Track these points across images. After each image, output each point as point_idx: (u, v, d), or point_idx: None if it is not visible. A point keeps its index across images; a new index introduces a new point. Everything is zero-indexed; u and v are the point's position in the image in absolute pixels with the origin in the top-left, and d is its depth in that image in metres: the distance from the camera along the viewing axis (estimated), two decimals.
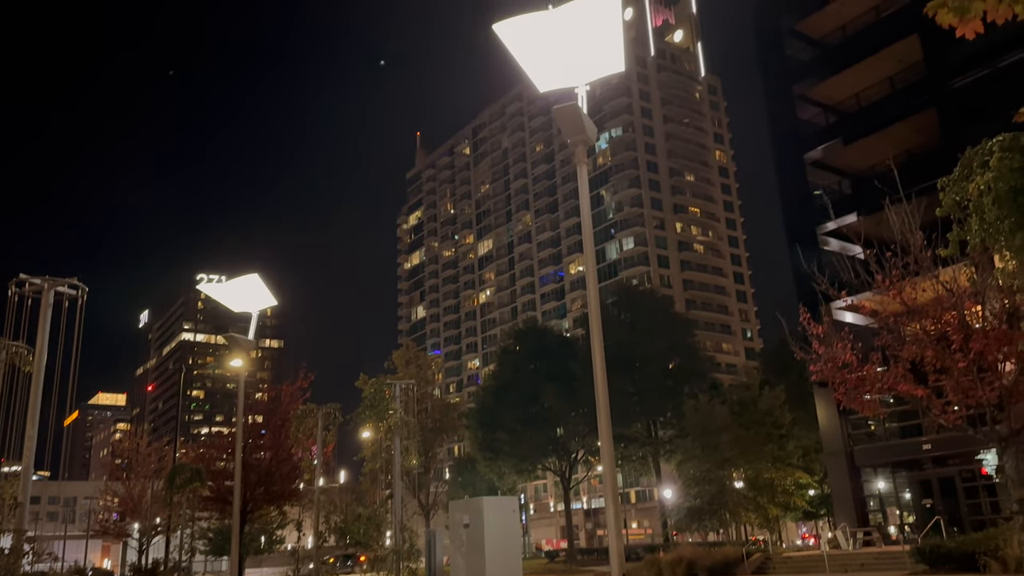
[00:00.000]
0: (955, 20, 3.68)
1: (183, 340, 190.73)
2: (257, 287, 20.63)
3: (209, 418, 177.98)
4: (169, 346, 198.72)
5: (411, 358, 48.69)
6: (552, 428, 55.84)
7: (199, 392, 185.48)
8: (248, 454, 28.47)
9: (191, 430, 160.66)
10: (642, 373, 51.02)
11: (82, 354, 9.38)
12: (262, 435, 31.72)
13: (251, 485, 28.98)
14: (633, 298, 58.08)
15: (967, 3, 3.59)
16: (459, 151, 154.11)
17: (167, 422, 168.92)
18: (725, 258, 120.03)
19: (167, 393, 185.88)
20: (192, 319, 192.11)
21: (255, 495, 29.77)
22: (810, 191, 37.68)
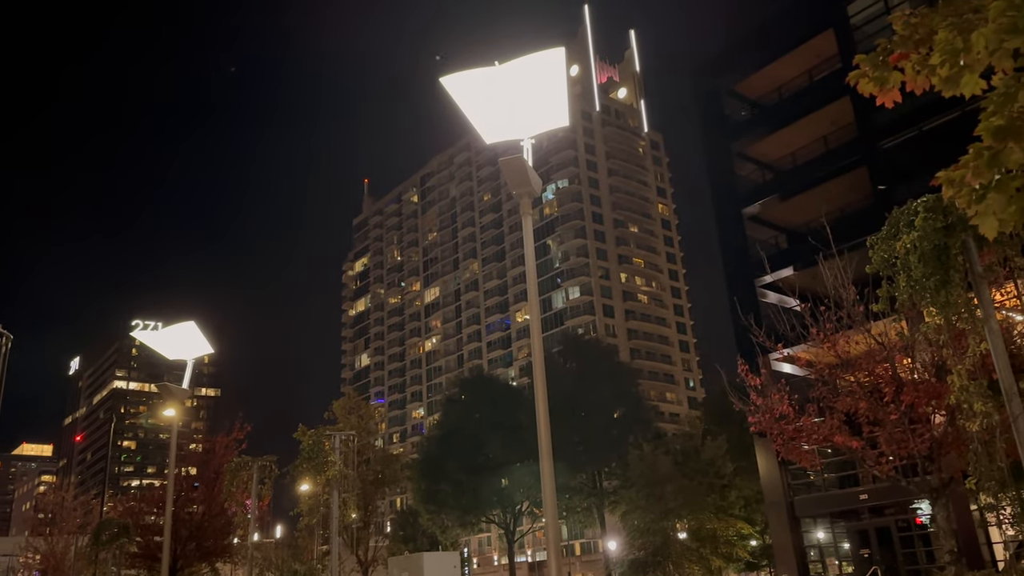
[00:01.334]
0: (875, 89, 3.85)
1: (115, 388, 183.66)
2: (193, 334, 20.04)
3: (140, 470, 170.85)
4: (100, 394, 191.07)
5: (353, 407, 47.62)
6: (497, 479, 55.10)
7: (130, 442, 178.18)
8: (179, 508, 27.34)
9: (121, 482, 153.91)
10: (588, 422, 50.95)
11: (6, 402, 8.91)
12: (195, 488, 30.55)
13: (182, 540, 27.77)
14: (579, 347, 58.31)
15: (885, 74, 3.77)
16: (407, 199, 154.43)
17: (95, 474, 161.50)
18: (668, 308, 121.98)
19: (97, 443, 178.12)
20: (126, 366, 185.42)
21: (186, 551, 28.51)
22: (748, 245, 38.67)
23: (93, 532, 24.24)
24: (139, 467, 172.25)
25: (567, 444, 46.67)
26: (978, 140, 3.66)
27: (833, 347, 13.68)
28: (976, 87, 3.70)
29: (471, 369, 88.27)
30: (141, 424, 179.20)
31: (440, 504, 54.41)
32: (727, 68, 41.71)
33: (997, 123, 3.53)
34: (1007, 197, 3.60)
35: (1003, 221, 3.72)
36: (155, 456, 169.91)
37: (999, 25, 3.32)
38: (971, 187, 3.71)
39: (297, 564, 15.15)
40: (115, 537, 22.17)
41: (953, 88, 3.70)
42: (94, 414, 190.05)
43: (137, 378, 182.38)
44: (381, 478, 50.45)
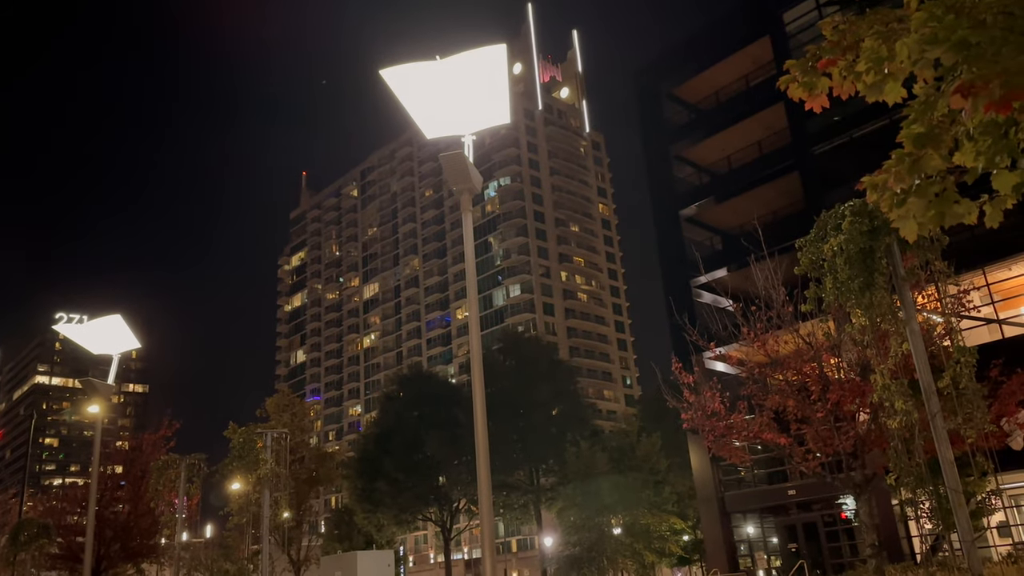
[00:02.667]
0: (804, 94, 3.96)
1: (37, 383, 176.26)
2: (119, 328, 19.42)
3: (63, 468, 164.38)
4: (21, 389, 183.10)
5: (287, 405, 46.75)
6: (434, 477, 54.87)
7: (53, 440, 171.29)
8: (104, 507, 26.43)
9: (42, 481, 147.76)
10: (526, 419, 51.15)
11: None
12: (120, 487, 29.55)
13: (106, 541, 26.85)
14: (519, 344, 58.47)
15: (814, 79, 3.88)
16: (347, 193, 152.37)
17: (14, 472, 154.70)
18: (607, 307, 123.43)
19: (16, 441, 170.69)
20: (48, 361, 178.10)
21: (110, 552, 27.57)
22: (685, 246, 39.41)
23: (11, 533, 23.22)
24: (61, 465, 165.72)
25: (505, 441, 46.83)
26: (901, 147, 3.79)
27: (763, 346, 14.06)
28: (898, 95, 3.84)
29: (410, 366, 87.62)
30: (64, 420, 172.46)
31: (376, 503, 53.91)
32: (667, 72, 42.41)
33: (917, 131, 3.67)
34: (926, 201, 3.74)
35: (922, 224, 3.86)
36: (79, 454, 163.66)
37: (921, 36, 3.45)
38: (893, 192, 3.84)
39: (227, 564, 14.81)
40: (35, 538, 21.28)
41: (876, 94, 3.83)
42: (14, 410, 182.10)
43: (61, 373, 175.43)
44: (315, 476, 49.72)
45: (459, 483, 53.48)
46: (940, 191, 3.79)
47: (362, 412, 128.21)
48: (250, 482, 13.73)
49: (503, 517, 62.26)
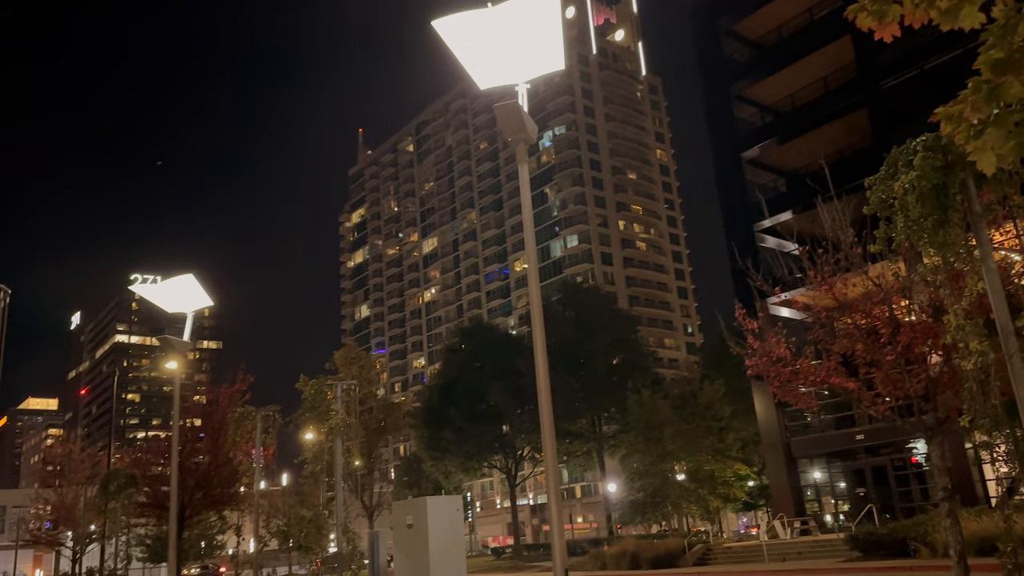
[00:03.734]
0: (874, 23, 3.78)
1: (117, 342, 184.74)
2: (192, 287, 20.06)
3: (145, 422, 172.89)
4: (103, 348, 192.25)
5: (353, 358, 48.00)
6: (498, 426, 55.83)
7: (135, 395, 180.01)
8: (185, 458, 27.73)
9: (127, 434, 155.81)
10: (586, 369, 51.40)
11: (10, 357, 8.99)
12: (200, 439, 30.94)
13: (189, 490, 28.24)
14: (577, 295, 58.44)
15: (884, 7, 3.69)
16: (403, 148, 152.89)
17: (101, 427, 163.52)
18: (667, 255, 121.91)
19: (101, 397, 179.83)
20: (126, 320, 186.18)
21: (193, 500, 29.01)
22: (747, 189, 38.48)
23: (101, 483, 24.63)
24: (144, 419, 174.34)
25: (566, 391, 47.20)
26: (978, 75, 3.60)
27: (831, 290, 13.71)
28: (975, 20, 3.63)
29: (470, 319, 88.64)
30: (144, 377, 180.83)
31: (443, 450, 55.24)
32: (726, 7, 40.89)
33: (996, 56, 3.48)
34: (1005, 132, 3.56)
35: (1001, 156, 3.69)
36: (159, 408, 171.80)
37: None
38: (969, 122, 3.66)
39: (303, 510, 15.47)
40: (123, 487, 22.54)
41: (952, 21, 3.63)
42: (97, 368, 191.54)
43: (138, 332, 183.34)
44: (384, 426, 51.18)
45: (522, 431, 54.31)
46: (1020, 120, 3.61)
47: (426, 364, 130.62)
48: (322, 432, 14.22)
49: (567, 464, 63.17)
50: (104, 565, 27.77)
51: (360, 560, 12.91)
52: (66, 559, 44.18)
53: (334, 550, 13.18)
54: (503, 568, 44.12)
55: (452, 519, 13.38)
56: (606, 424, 54.87)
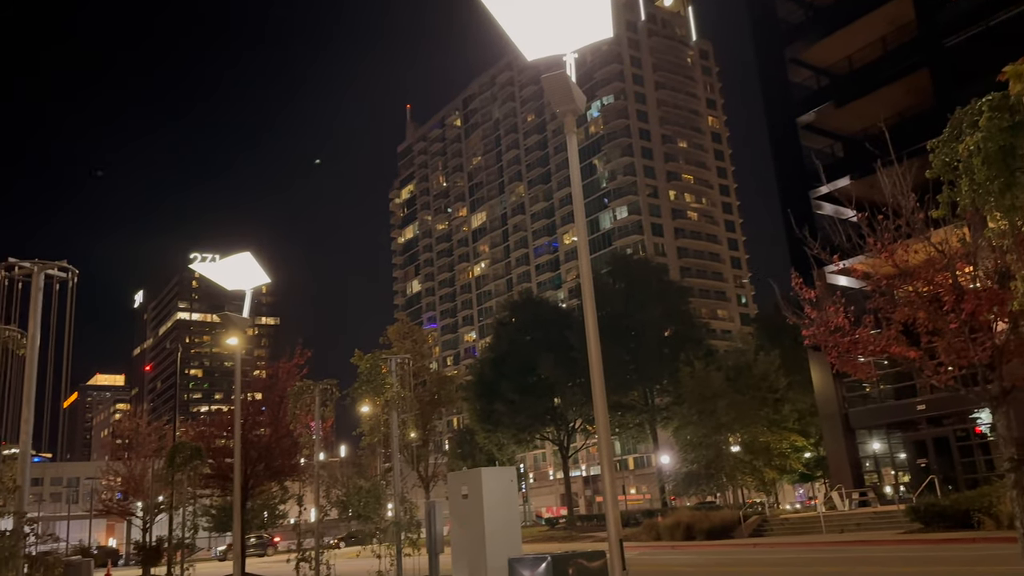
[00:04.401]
0: None
1: (179, 319, 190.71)
2: (250, 265, 20.57)
3: (208, 396, 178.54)
4: (165, 325, 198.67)
5: (406, 332, 48.76)
6: (550, 398, 56.10)
7: (197, 371, 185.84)
8: (247, 431, 28.56)
9: (190, 408, 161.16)
10: (638, 342, 51.18)
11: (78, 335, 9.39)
12: (261, 412, 31.82)
13: (251, 461, 29.12)
14: (627, 267, 58.03)
15: None
16: (450, 123, 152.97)
17: (166, 401, 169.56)
18: (719, 225, 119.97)
19: (165, 372, 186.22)
20: (187, 298, 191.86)
21: (256, 471, 29.92)
22: (803, 155, 37.57)
23: (167, 455, 25.53)
24: (207, 394, 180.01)
25: (618, 363, 47.09)
26: None
27: (891, 257, 13.31)
28: None
29: (520, 292, 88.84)
30: (206, 352, 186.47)
31: (495, 423, 55.80)
32: None
33: None
34: None
35: None
36: (221, 383, 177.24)
37: None
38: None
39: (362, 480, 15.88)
40: (188, 459, 23.33)
41: None
42: (160, 344, 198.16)
43: (199, 309, 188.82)
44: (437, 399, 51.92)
45: (574, 404, 54.47)
46: None
47: (476, 338, 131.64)
48: (378, 405, 14.51)
49: (619, 436, 63.28)
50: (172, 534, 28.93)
51: (418, 529, 13.21)
52: (137, 528, 46.11)
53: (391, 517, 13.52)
54: (557, 538, 44.59)
55: (506, 490, 13.57)
56: (658, 396, 54.66)
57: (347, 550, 24.92)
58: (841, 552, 22.44)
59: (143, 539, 36.80)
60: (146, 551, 33.10)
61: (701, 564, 22.19)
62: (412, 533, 13.16)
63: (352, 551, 13.35)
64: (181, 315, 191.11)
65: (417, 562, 13.56)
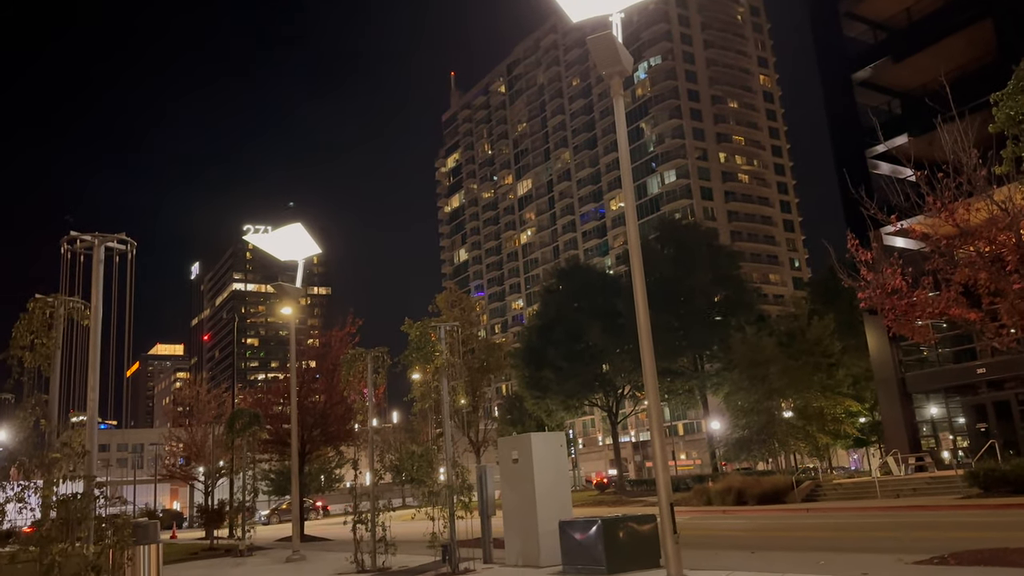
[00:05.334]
0: None
1: (234, 290, 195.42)
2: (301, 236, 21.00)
3: (264, 364, 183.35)
4: (221, 296, 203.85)
5: (455, 301, 49.17)
6: (598, 365, 56.08)
7: (253, 340, 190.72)
8: (303, 398, 29.34)
9: (247, 377, 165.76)
10: (687, 308, 50.68)
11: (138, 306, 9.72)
12: (316, 379, 32.62)
13: (307, 427, 29.97)
14: (676, 232, 57.29)
15: None
16: (494, 90, 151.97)
17: (224, 370, 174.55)
18: (771, 187, 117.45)
19: (223, 342, 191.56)
20: (242, 269, 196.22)
21: (312, 437, 30.80)
22: (858, 113, 36.43)
23: (227, 422, 26.39)
24: (263, 362, 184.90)
25: (667, 329, 46.73)
26: None
27: (951, 216, 12.87)
28: None
29: (567, 260, 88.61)
30: (262, 322, 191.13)
31: (544, 389, 56.07)
32: None
33: None
34: None
35: None
36: (276, 351, 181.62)
37: None
38: None
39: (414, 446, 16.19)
40: (247, 426, 24.10)
41: None
42: (217, 315, 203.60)
43: (253, 280, 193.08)
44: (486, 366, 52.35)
45: (622, 370, 54.38)
46: None
47: (524, 306, 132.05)
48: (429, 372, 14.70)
49: (668, 402, 63.00)
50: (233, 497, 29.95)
51: (469, 492, 13.44)
52: (199, 492, 47.86)
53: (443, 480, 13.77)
54: (607, 502, 44.89)
55: (556, 454, 13.68)
56: (708, 362, 54.20)
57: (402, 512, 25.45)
58: (897, 517, 22.13)
59: (205, 502, 38.25)
60: (208, 514, 34.37)
61: (753, 528, 22.13)
62: (464, 496, 13.38)
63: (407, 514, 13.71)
64: (236, 286, 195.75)
65: (469, 524, 13.81)
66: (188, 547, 28.98)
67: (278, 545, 27.50)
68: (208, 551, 26.00)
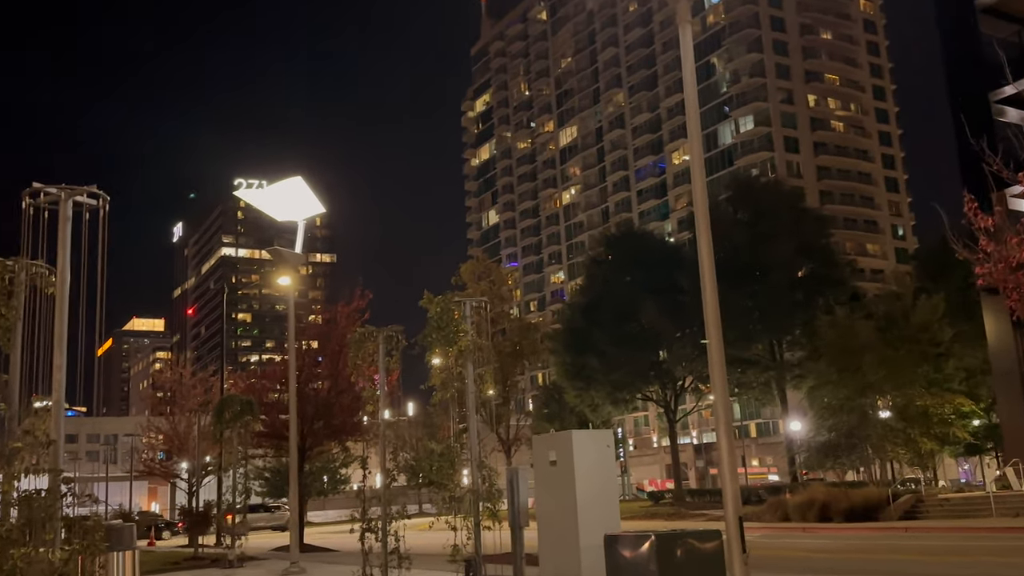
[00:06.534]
0: None
1: (223, 256, 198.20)
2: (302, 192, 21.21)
3: (258, 344, 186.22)
4: (208, 263, 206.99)
5: (483, 272, 49.58)
6: (654, 351, 56.16)
7: (245, 315, 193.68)
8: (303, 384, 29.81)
9: (239, 358, 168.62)
10: (764, 283, 50.40)
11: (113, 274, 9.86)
12: (318, 362, 33.12)
13: (308, 419, 30.48)
14: (752, 192, 56.91)
15: None
16: (533, 17, 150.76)
17: (211, 349, 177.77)
18: (872, 137, 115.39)
19: (210, 317, 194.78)
20: (232, 231, 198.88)
21: (313, 430, 31.35)
22: (982, 47, 35.55)
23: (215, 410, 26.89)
24: (256, 341, 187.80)
25: (739, 310, 46.50)
26: None
27: None
28: None
29: (618, 224, 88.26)
30: (255, 294, 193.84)
31: (587, 379, 56.32)
32: None
33: None
34: None
35: None
36: (272, 329, 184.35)
37: None
38: None
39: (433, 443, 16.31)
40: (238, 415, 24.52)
41: None
42: (203, 284, 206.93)
43: (246, 244, 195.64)
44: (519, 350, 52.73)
45: (683, 358, 54.40)
46: None
47: (565, 279, 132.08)
48: (451, 355, 14.80)
49: (738, 398, 62.92)
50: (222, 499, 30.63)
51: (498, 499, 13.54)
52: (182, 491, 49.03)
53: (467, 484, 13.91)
54: (663, 515, 45.06)
55: (602, 456, 13.70)
56: (788, 350, 53.99)
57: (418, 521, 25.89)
58: (1016, 540, 21.89)
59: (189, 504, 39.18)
60: (192, 517, 35.21)
61: (837, 549, 22.07)
62: (491, 503, 13.50)
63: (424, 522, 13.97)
64: (226, 251, 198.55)
65: (498, 537, 13.95)
66: (168, 556, 29.79)
67: (274, 555, 28.15)
68: (192, 560, 26.71)
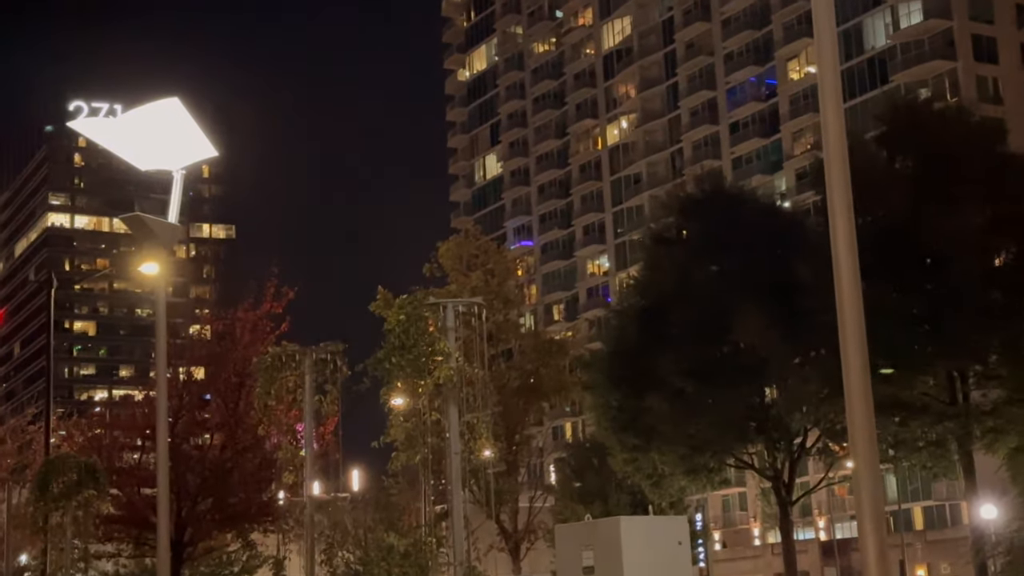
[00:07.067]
0: None
1: (51, 227, 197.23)
2: (180, 122, 21.08)
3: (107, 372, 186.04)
4: (26, 238, 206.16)
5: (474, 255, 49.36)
6: (757, 388, 56.02)
7: (86, 324, 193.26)
8: (181, 438, 29.83)
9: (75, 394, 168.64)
10: (938, 277, 50.34)
11: None
12: (205, 402, 33.13)
13: (190, 495, 30.52)
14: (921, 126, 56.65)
15: None
16: None
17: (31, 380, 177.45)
18: None
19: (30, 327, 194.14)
20: (66, 188, 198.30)
21: (197, 513, 31.37)
22: None
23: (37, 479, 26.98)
24: (105, 367, 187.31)
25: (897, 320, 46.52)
26: None
27: None
28: None
29: (700, 179, 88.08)
30: (103, 291, 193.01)
31: (647, 434, 56.23)
32: None
33: None
34: None
35: None
36: (130, 347, 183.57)
37: None
38: None
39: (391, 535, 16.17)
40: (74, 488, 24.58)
41: None
42: (18, 274, 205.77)
43: (87, 209, 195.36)
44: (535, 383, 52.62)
45: (804, 399, 54.24)
46: None
47: (611, 268, 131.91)
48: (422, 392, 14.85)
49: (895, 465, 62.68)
50: None
51: None
52: None
53: None
54: None
55: (671, 559, 13.76)
56: (978, 387, 53.80)
57: None
58: None
59: None
60: None
61: None
62: None
63: None
64: (55, 218, 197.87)
65: None
66: None
67: None
68: None
